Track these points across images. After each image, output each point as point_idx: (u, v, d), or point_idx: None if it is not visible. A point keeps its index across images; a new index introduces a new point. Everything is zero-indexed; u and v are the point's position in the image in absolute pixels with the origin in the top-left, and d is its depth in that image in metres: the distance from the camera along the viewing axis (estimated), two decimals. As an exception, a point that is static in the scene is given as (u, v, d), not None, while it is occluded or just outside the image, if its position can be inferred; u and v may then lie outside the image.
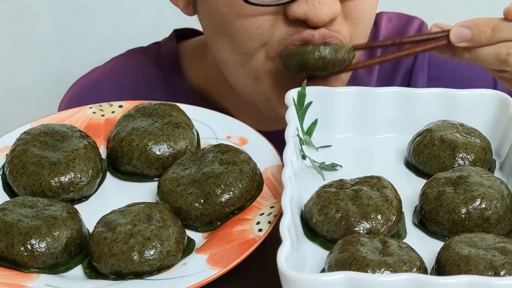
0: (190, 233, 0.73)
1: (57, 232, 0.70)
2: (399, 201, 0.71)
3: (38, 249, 0.69)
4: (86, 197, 0.78)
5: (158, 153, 0.79)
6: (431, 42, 0.85)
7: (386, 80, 1.08)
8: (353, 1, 0.89)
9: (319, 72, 0.85)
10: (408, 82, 1.08)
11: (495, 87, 1.07)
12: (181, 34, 1.12)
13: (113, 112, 0.87)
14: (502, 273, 0.61)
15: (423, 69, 1.07)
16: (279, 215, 0.71)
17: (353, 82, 1.07)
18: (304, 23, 0.87)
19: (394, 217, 0.70)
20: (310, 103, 0.82)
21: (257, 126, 0.87)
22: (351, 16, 0.90)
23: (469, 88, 0.84)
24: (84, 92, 1.06)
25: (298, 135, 0.80)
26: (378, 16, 1.14)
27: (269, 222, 0.72)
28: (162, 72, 1.08)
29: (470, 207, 0.69)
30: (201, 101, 0.99)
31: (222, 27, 0.92)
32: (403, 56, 0.87)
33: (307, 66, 0.85)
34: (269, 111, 0.95)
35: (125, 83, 1.07)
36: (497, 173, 0.78)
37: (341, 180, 0.73)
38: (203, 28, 0.97)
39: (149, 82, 1.08)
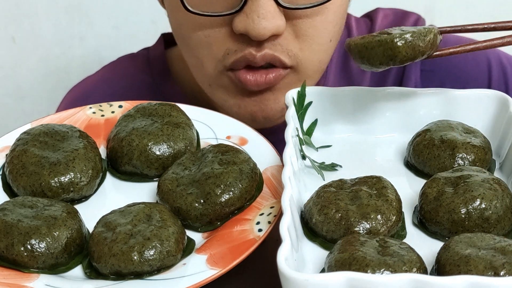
0: (190, 233, 0.73)
1: (57, 232, 0.70)
2: (399, 201, 0.71)
3: (38, 249, 0.69)
4: (86, 197, 0.78)
5: (158, 153, 0.79)
6: None
7: (381, 75, 1.08)
8: (301, 19, 0.88)
9: (405, 62, 0.75)
10: (402, 76, 1.08)
11: (489, 78, 1.06)
12: (170, 39, 1.13)
13: (113, 112, 0.87)
14: (502, 273, 0.61)
15: (416, 62, 1.07)
16: (279, 215, 0.71)
17: (346, 78, 1.07)
18: (250, 37, 0.87)
19: (394, 217, 0.70)
20: (310, 103, 0.82)
21: (249, 124, 0.87)
22: (302, 33, 0.88)
23: (463, 80, 0.82)
24: (77, 102, 1.06)
25: (298, 135, 0.80)
26: (374, 12, 1.14)
27: (269, 222, 0.72)
28: (152, 77, 1.08)
29: (470, 207, 0.69)
30: (192, 104, 1.00)
31: (178, 31, 0.93)
32: (482, 48, 0.79)
33: (395, 57, 0.75)
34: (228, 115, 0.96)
35: (116, 90, 1.08)
36: (497, 173, 0.78)
37: (341, 180, 0.73)
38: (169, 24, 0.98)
39: (140, 88, 1.08)
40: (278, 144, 0.81)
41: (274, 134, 0.89)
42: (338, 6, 0.90)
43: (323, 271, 0.66)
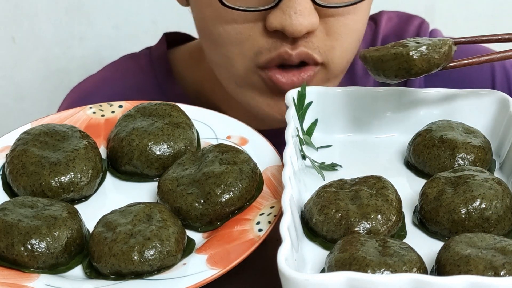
0: (190, 233, 0.73)
1: (57, 232, 0.70)
2: (399, 201, 0.71)
3: (38, 249, 0.69)
4: (86, 197, 0.78)
5: (158, 153, 0.79)
6: None
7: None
8: (334, 17, 0.88)
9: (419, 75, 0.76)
10: (405, 81, 1.08)
11: (493, 82, 1.07)
12: (172, 39, 1.12)
13: (113, 112, 0.87)
14: (502, 273, 0.61)
15: None
16: (279, 215, 0.71)
17: (350, 79, 1.07)
18: (284, 34, 0.87)
19: (394, 217, 0.70)
20: (310, 103, 0.82)
21: (254, 125, 0.87)
22: (333, 31, 0.89)
23: (467, 84, 0.83)
24: (78, 103, 1.06)
25: (298, 135, 0.80)
26: (378, 15, 1.14)
27: (269, 222, 0.72)
28: (155, 78, 1.08)
29: (470, 207, 0.69)
30: (194, 104, 1.00)
31: (205, 28, 0.92)
32: (496, 59, 0.80)
33: (410, 70, 0.75)
34: (255, 114, 0.95)
35: (118, 91, 1.08)
36: (497, 173, 0.78)
37: (341, 180, 0.73)
38: (194, 20, 0.97)
39: (142, 88, 1.08)
40: (279, 145, 0.81)
41: (275, 135, 0.89)
42: (367, 7, 0.92)
43: (323, 271, 0.66)
